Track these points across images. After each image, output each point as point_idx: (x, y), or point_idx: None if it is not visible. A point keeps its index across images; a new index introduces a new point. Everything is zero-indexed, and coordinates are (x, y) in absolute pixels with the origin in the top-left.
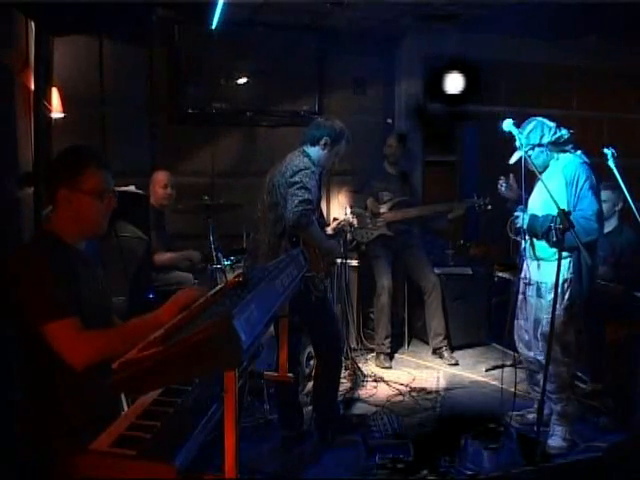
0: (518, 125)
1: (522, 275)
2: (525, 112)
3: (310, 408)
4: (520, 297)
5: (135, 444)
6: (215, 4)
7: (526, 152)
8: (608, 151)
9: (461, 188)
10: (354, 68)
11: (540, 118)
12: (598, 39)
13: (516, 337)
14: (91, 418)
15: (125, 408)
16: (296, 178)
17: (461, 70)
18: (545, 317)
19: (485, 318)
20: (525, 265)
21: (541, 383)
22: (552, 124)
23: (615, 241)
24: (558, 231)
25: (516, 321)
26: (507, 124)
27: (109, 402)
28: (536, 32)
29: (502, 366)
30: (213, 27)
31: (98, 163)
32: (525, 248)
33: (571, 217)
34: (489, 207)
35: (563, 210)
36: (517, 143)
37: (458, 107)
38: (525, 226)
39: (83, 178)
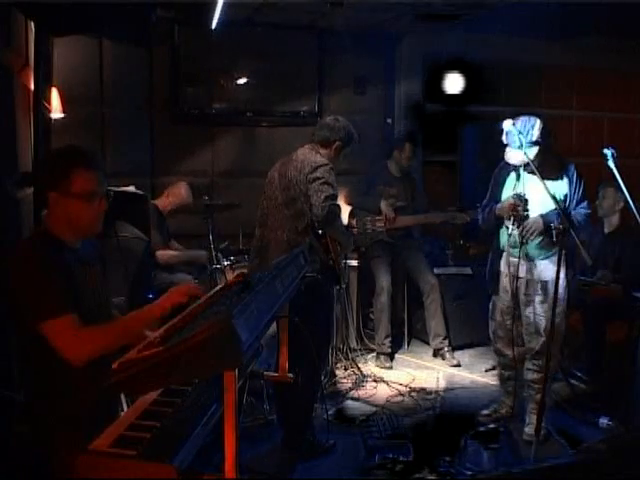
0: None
1: (504, 272)
2: (525, 112)
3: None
4: (501, 295)
5: (135, 444)
6: (215, 4)
7: (526, 153)
8: (608, 151)
9: (461, 188)
10: (354, 68)
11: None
12: (598, 39)
13: (494, 335)
14: (91, 418)
15: (125, 408)
16: (317, 174)
17: (461, 70)
18: (542, 315)
19: (485, 318)
20: (507, 263)
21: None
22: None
23: (615, 241)
24: (558, 230)
25: (492, 321)
26: (507, 124)
27: (109, 402)
28: (536, 32)
29: None
30: (213, 27)
31: (86, 164)
32: (509, 246)
33: (574, 216)
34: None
35: (564, 211)
36: (514, 144)
37: (458, 107)
38: (538, 227)
39: (71, 181)
